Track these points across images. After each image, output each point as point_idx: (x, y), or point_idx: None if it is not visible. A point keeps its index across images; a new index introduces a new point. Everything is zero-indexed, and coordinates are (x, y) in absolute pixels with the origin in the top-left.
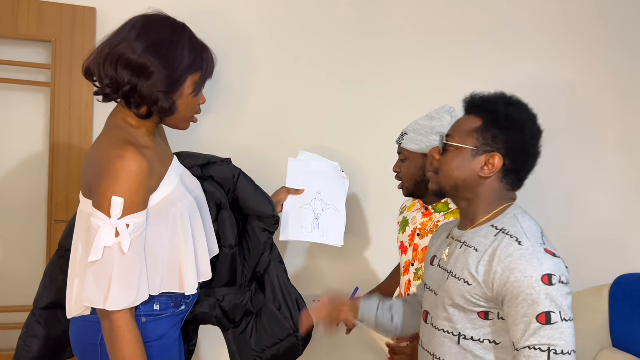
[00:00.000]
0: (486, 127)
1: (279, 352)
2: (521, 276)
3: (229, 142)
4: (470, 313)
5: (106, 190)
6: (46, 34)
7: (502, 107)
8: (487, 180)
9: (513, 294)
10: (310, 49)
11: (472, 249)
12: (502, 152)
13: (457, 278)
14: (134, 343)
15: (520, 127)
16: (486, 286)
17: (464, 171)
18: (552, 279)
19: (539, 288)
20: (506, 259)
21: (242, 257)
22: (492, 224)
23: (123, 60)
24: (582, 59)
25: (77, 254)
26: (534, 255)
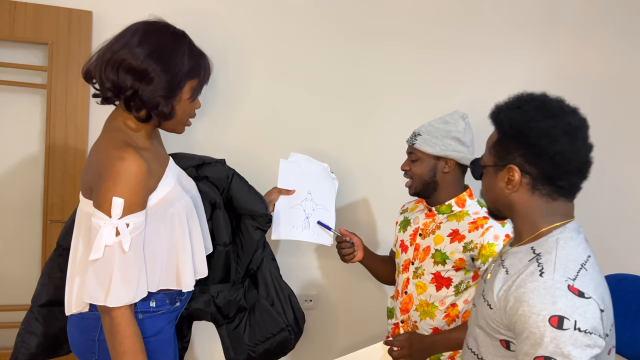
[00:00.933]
0: (499, 139)
1: (272, 345)
2: (528, 311)
3: (223, 144)
4: (493, 339)
5: (107, 190)
6: (43, 36)
7: (505, 114)
8: (516, 195)
9: (519, 328)
10: (302, 54)
11: (503, 270)
12: (517, 162)
13: (485, 299)
14: (134, 338)
15: (527, 129)
16: (502, 314)
17: (493, 191)
18: (564, 322)
19: (543, 328)
20: (520, 289)
21: (236, 254)
22: (532, 245)
23: (125, 65)
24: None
25: (77, 253)
26: (549, 291)
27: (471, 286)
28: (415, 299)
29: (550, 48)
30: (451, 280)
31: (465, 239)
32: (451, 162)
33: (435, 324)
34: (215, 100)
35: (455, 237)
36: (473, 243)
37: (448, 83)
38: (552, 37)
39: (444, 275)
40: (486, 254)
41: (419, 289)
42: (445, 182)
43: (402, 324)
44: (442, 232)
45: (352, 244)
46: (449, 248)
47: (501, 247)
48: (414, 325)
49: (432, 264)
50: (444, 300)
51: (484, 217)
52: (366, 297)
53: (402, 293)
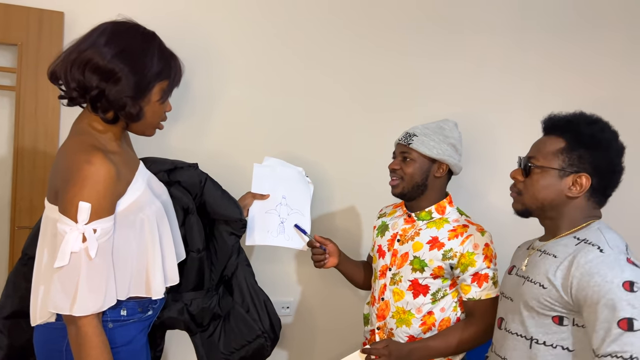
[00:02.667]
0: (571, 147)
1: (248, 353)
2: (602, 280)
3: (196, 149)
4: (544, 317)
5: (73, 195)
6: (12, 37)
7: (585, 127)
8: (575, 199)
9: (593, 298)
10: (277, 58)
11: (550, 256)
12: (590, 171)
13: (532, 282)
14: (101, 348)
15: (606, 145)
16: (563, 290)
17: (551, 192)
18: (634, 286)
19: (620, 294)
20: (586, 265)
21: (210, 261)
22: (575, 235)
23: (91, 65)
24: None
25: (42, 261)
26: (616, 262)
27: (448, 294)
28: (392, 306)
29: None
30: (429, 288)
31: (445, 247)
32: (444, 167)
33: (412, 331)
34: (188, 104)
35: (434, 245)
36: (452, 251)
37: (427, 90)
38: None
39: (421, 283)
40: (465, 263)
41: (396, 296)
42: (434, 186)
43: (378, 331)
44: (421, 238)
45: (323, 250)
46: (428, 255)
47: (481, 256)
48: (390, 333)
49: (410, 270)
50: (421, 307)
51: (463, 225)
52: (344, 302)
53: (379, 299)
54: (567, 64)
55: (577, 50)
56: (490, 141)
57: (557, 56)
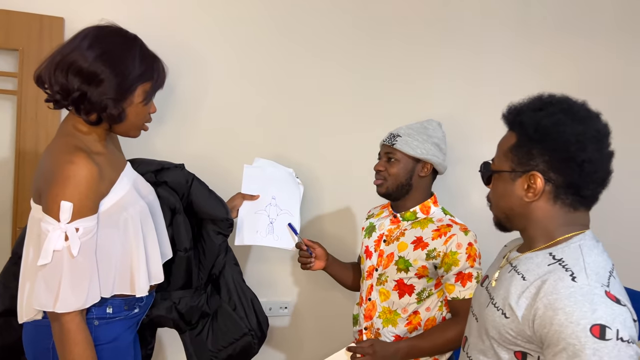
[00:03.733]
0: (520, 142)
1: (235, 351)
2: (565, 320)
3: (183, 151)
4: (505, 350)
5: (55, 195)
6: (13, 42)
7: (530, 115)
8: (536, 204)
9: (553, 339)
10: (263, 60)
11: (519, 276)
12: (541, 168)
13: (496, 307)
14: (85, 345)
15: (555, 133)
16: (525, 323)
17: (509, 198)
18: (606, 332)
19: (584, 339)
20: (551, 295)
21: (198, 260)
22: (551, 251)
23: (74, 68)
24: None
25: (28, 259)
26: (588, 298)
27: (433, 294)
28: (378, 306)
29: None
30: (414, 288)
31: (429, 247)
32: (428, 167)
33: (398, 331)
34: (174, 106)
35: (418, 245)
36: (436, 251)
37: (417, 92)
38: (533, 43)
39: (406, 283)
40: (449, 262)
41: (382, 296)
42: (419, 186)
43: (366, 331)
44: (406, 239)
45: (310, 254)
46: (412, 255)
47: (464, 255)
48: (377, 333)
49: (395, 270)
50: (407, 307)
51: (447, 225)
52: (338, 303)
53: (366, 300)
54: (556, 63)
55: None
56: (477, 141)
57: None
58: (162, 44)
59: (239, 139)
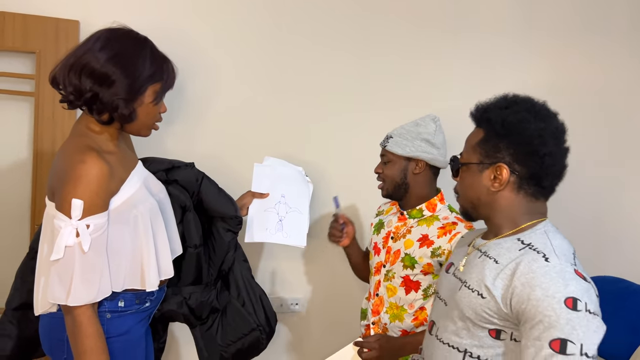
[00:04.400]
0: (487, 137)
1: (244, 346)
2: (542, 294)
3: (194, 150)
4: (480, 329)
5: (67, 193)
6: (31, 45)
7: (496, 113)
8: (501, 193)
9: (530, 313)
10: (270, 60)
11: (491, 260)
12: (507, 160)
13: (470, 289)
14: (96, 337)
15: (520, 129)
16: (503, 302)
17: (477, 189)
18: (578, 304)
19: (559, 311)
20: (528, 274)
21: (208, 256)
22: (519, 237)
23: (87, 70)
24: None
25: (42, 254)
26: (561, 275)
27: None
28: (385, 302)
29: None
30: (420, 284)
31: (434, 245)
32: (422, 164)
33: (404, 326)
34: (184, 106)
35: (424, 242)
36: (441, 249)
37: (426, 88)
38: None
39: (412, 279)
40: None
41: (389, 292)
42: (416, 183)
43: (373, 326)
44: (412, 236)
45: (342, 230)
46: (418, 253)
47: None
48: (384, 327)
49: (402, 267)
50: (413, 303)
51: (452, 223)
52: (349, 299)
53: (374, 295)
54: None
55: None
56: None
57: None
58: (172, 45)
59: (248, 138)
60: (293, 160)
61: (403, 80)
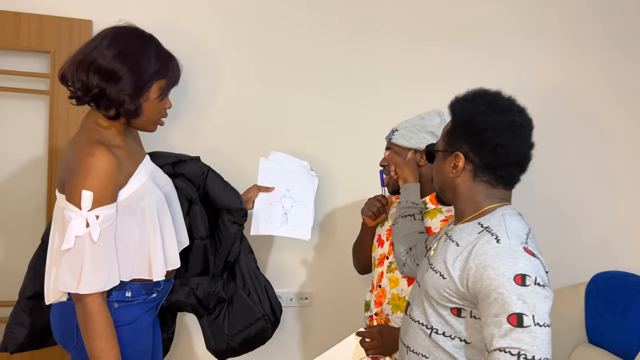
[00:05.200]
0: (452, 128)
1: (250, 335)
2: (493, 274)
3: (197, 146)
4: (442, 308)
5: (77, 184)
6: (45, 45)
7: (461, 105)
8: (460, 179)
9: (485, 292)
10: (275, 55)
11: (453, 243)
12: (464, 150)
13: (434, 270)
14: (105, 324)
15: (476, 121)
16: (460, 282)
17: (440, 174)
18: (526, 279)
19: (510, 287)
20: (481, 256)
21: (214, 248)
22: (479, 221)
23: (94, 66)
24: (578, 59)
25: (54, 244)
26: (509, 254)
27: None
28: (387, 293)
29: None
30: None
31: None
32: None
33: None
34: (189, 102)
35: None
36: None
37: (432, 84)
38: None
39: None
40: None
41: (392, 283)
42: (421, 176)
43: (376, 317)
44: None
45: (383, 211)
46: None
47: None
48: (386, 318)
49: None
50: None
51: None
52: (356, 292)
53: (377, 286)
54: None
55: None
56: None
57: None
58: (178, 42)
59: (253, 133)
60: (298, 155)
61: (409, 77)
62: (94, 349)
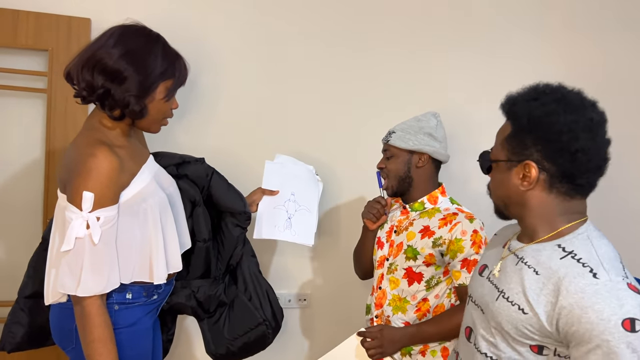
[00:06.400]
0: (514, 132)
1: (250, 339)
2: (596, 318)
3: (203, 146)
4: (520, 344)
5: (78, 185)
6: (43, 43)
7: (523, 106)
8: (532, 193)
9: (584, 337)
10: (282, 58)
11: (530, 270)
12: (535, 157)
13: (509, 301)
14: (103, 327)
15: (548, 122)
16: (547, 321)
17: (505, 187)
18: (636, 324)
19: (618, 335)
20: (576, 294)
21: (216, 250)
22: (559, 243)
23: (100, 66)
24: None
25: (54, 245)
26: (613, 293)
27: (442, 281)
28: (388, 294)
29: (543, 47)
30: (422, 276)
31: (435, 235)
32: (425, 157)
33: (407, 318)
34: (195, 102)
35: (425, 233)
36: (442, 239)
37: (436, 90)
38: (545, 36)
39: (415, 271)
40: (454, 249)
41: (392, 284)
42: (420, 177)
43: (376, 319)
44: (414, 228)
45: (383, 212)
46: (420, 244)
47: (469, 242)
48: (387, 320)
49: (404, 259)
50: (416, 295)
51: (453, 214)
52: (356, 295)
53: (377, 288)
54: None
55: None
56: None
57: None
58: (184, 41)
59: (259, 135)
60: (304, 158)
61: (412, 80)
62: (92, 352)
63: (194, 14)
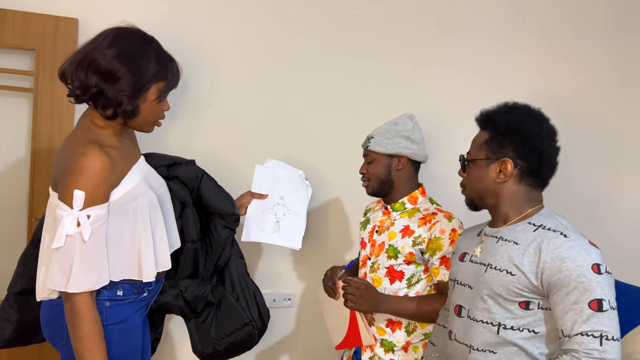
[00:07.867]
0: (492, 137)
1: (236, 339)
2: (573, 265)
3: (196, 148)
4: (510, 303)
5: (69, 184)
6: (30, 42)
7: (501, 116)
8: (506, 184)
9: (563, 282)
10: (274, 62)
11: (510, 243)
12: (511, 156)
13: (497, 270)
14: (92, 323)
15: (522, 129)
16: (534, 276)
17: (484, 181)
18: (600, 268)
19: (590, 276)
20: (555, 250)
21: (205, 251)
22: (529, 221)
23: (94, 66)
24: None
25: (44, 242)
26: (582, 246)
27: (422, 279)
28: None
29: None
30: (403, 274)
31: (414, 234)
32: (404, 160)
33: (389, 315)
34: (186, 105)
35: (406, 233)
36: (421, 237)
37: (427, 94)
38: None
39: (396, 269)
40: (433, 247)
41: (375, 283)
42: (400, 179)
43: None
44: (395, 228)
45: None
46: (401, 243)
47: (447, 240)
48: (371, 318)
49: (386, 258)
50: (398, 292)
51: (432, 213)
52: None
53: None
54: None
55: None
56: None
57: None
58: (174, 44)
59: (249, 138)
60: (293, 162)
61: (403, 86)
62: (81, 348)
63: (183, 16)
